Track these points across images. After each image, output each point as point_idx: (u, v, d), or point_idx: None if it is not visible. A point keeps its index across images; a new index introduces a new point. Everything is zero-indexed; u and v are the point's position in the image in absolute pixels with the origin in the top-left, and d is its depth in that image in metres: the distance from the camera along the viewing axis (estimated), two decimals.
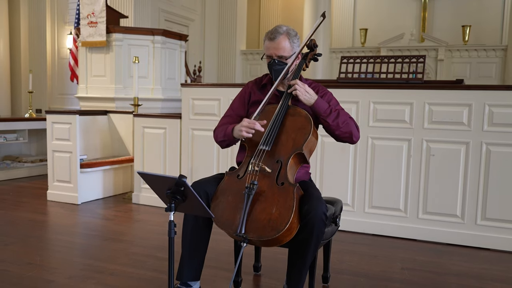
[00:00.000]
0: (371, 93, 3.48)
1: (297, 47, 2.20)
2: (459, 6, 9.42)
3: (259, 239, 1.88)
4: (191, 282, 2.15)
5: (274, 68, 2.16)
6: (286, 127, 2.09)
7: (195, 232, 2.11)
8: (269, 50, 2.17)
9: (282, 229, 1.85)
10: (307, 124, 2.08)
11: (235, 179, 2.07)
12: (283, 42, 2.14)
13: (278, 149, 2.05)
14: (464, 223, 3.30)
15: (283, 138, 2.08)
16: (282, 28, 2.16)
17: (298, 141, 2.05)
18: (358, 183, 3.56)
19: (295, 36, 2.18)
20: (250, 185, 1.93)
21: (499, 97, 3.18)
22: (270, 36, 2.16)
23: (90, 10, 5.27)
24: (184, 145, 4.18)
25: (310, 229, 1.91)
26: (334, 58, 9.63)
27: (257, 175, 2.00)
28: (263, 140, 2.06)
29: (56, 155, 4.47)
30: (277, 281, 2.55)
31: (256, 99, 2.26)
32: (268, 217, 1.90)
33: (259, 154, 2.05)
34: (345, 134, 2.14)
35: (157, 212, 4.11)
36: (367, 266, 2.84)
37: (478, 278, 2.69)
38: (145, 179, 1.82)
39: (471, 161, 3.26)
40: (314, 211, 1.90)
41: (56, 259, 2.90)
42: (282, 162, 2.03)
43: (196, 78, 6.99)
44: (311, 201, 1.94)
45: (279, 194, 1.95)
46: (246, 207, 1.90)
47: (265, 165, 2.02)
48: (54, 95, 7.92)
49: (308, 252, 1.97)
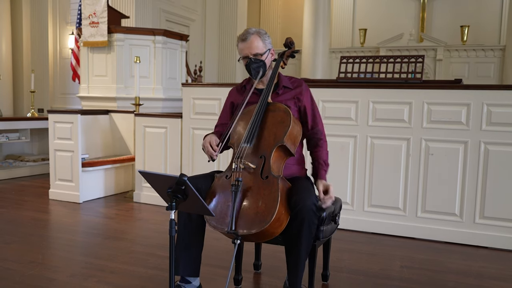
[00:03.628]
0: (370, 93, 3.50)
1: (269, 44, 2.29)
2: (457, 6, 9.44)
3: (249, 233, 1.92)
4: (190, 278, 2.17)
5: (252, 66, 2.24)
6: (267, 123, 2.16)
7: (187, 227, 2.15)
8: (244, 50, 2.26)
9: (269, 220, 1.89)
10: (287, 117, 2.14)
11: (224, 179, 2.14)
12: (255, 41, 2.23)
13: (261, 145, 2.12)
14: (462, 221, 3.32)
15: (265, 133, 2.15)
16: (252, 29, 2.27)
17: (279, 135, 2.11)
18: (358, 182, 3.58)
19: (265, 34, 2.28)
20: (235, 182, 1.99)
21: (497, 97, 3.20)
22: (242, 37, 2.26)
23: (91, 11, 5.30)
24: (185, 144, 4.20)
25: (301, 221, 1.96)
26: (334, 58, 9.65)
27: (241, 172, 2.07)
28: (244, 138, 2.13)
29: (58, 154, 4.50)
30: (277, 279, 2.57)
31: (238, 102, 2.36)
32: (256, 211, 1.95)
33: (242, 152, 2.12)
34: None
35: (158, 210, 4.13)
36: (366, 264, 2.86)
37: (476, 276, 2.70)
38: (146, 178, 1.84)
39: (469, 160, 3.28)
40: (302, 202, 1.95)
41: (58, 257, 2.93)
42: (265, 156, 2.08)
43: (196, 78, 7.01)
44: (299, 193, 2.00)
45: (264, 188, 2.00)
46: (234, 204, 1.96)
47: (249, 161, 2.08)
48: (56, 94, 7.94)
49: (302, 245, 2.00)
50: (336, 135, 3.59)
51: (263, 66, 2.24)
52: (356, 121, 3.54)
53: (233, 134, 2.24)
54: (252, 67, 2.24)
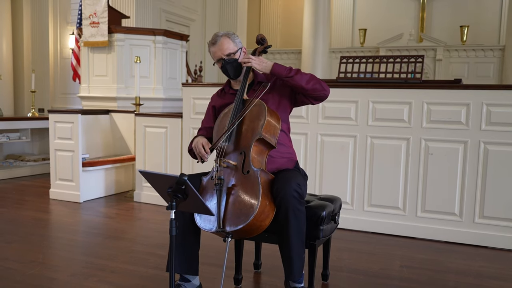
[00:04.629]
0: (370, 93, 3.51)
1: (240, 43, 2.32)
2: (457, 6, 9.45)
3: (236, 228, 1.95)
4: (190, 277, 2.18)
5: (228, 66, 2.28)
6: (244, 119, 2.18)
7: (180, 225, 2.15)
8: (216, 53, 2.30)
9: (253, 212, 1.92)
10: (262, 110, 2.15)
11: (209, 180, 2.17)
12: (225, 42, 2.28)
13: (241, 142, 2.14)
14: (462, 221, 3.33)
15: (243, 130, 2.17)
16: (220, 33, 2.33)
17: (256, 128, 2.13)
18: (357, 181, 3.59)
19: (234, 35, 2.33)
20: (217, 181, 2.03)
21: (496, 97, 3.20)
22: (212, 41, 2.30)
23: (92, 11, 5.31)
24: (185, 144, 4.20)
25: (285, 208, 1.98)
26: (334, 58, 9.66)
27: (223, 170, 2.10)
28: (223, 138, 2.16)
29: (58, 154, 4.51)
30: (277, 278, 2.58)
31: (219, 105, 2.40)
32: (239, 206, 1.99)
33: (221, 151, 2.15)
34: (316, 86, 2.18)
35: (158, 210, 4.14)
36: (366, 264, 2.87)
37: (476, 276, 2.71)
38: (147, 178, 1.84)
39: (469, 160, 3.29)
40: (283, 190, 1.98)
41: (59, 257, 2.93)
42: (245, 152, 2.11)
43: (197, 78, 7.01)
44: (279, 182, 2.03)
45: (246, 182, 2.03)
46: (219, 203, 2.00)
47: (230, 159, 2.12)
48: (57, 94, 7.96)
49: (291, 233, 2.01)
50: (336, 135, 3.61)
51: (238, 64, 2.28)
52: (356, 121, 3.55)
53: (215, 136, 2.28)
54: (227, 66, 2.28)
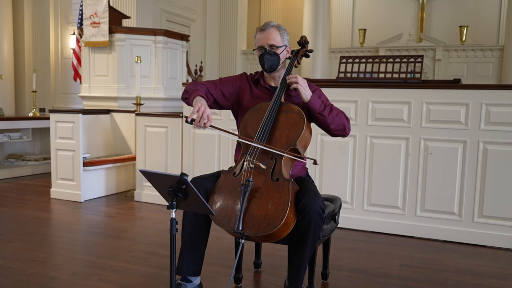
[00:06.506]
0: (369, 93, 3.52)
1: (287, 41, 2.27)
2: (456, 6, 9.45)
3: (256, 234, 1.90)
4: (191, 277, 2.18)
5: (266, 57, 2.20)
6: (279, 123, 2.13)
7: (194, 227, 2.14)
8: (260, 40, 2.23)
9: (278, 224, 1.88)
10: (300, 119, 2.10)
11: (231, 177, 2.10)
12: (274, 32, 2.21)
13: (272, 146, 2.07)
14: (461, 220, 3.34)
15: (277, 134, 2.11)
16: (272, 22, 2.26)
17: (292, 137, 2.08)
18: (357, 181, 3.60)
19: (284, 31, 2.27)
20: (245, 182, 1.95)
21: (496, 97, 3.21)
22: (262, 28, 2.24)
23: (93, 11, 5.33)
24: (186, 143, 4.22)
25: (307, 223, 1.95)
26: (333, 58, 9.66)
27: (252, 172, 2.04)
28: (256, 138, 2.10)
29: (59, 153, 4.52)
30: (277, 277, 2.59)
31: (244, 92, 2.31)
32: (264, 213, 1.92)
33: (253, 151, 2.09)
34: (339, 127, 2.19)
35: (158, 209, 4.15)
36: (366, 263, 2.88)
37: (475, 275, 2.72)
38: (147, 177, 1.84)
39: (468, 160, 3.30)
40: (310, 205, 1.94)
41: (59, 256, 2.94)
42: (277, 158, 2.05)
43: (197, 78, 7.03)
44: (307, 196, 1.97)
45: (275, 190, 1.97)
46: (242, 204, 1.93)
47: (260, 162, 2.05)
48: (58, 94, 7.98)
49: (306, 247, 2.00)
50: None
51: (277, 59, 2.22)
52: (355, 120, 3.56)
53: (243, 130, 2.20)
54: (265, 57, 2.19)
